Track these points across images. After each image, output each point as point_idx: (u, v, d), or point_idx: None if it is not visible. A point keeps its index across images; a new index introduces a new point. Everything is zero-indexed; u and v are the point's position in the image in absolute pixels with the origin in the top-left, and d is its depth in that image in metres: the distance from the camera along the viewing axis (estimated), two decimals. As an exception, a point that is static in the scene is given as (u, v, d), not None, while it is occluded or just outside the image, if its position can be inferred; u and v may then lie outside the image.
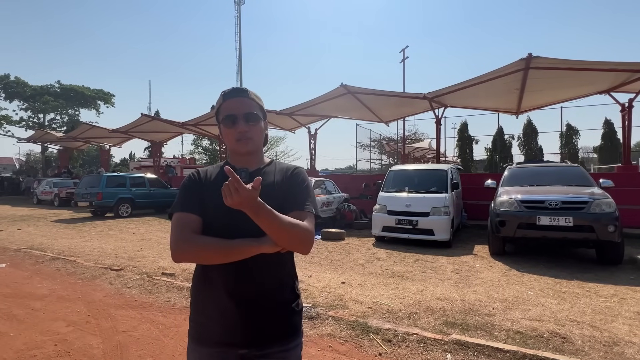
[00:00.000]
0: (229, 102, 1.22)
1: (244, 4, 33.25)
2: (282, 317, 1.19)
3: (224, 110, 1.23)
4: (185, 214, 1.15)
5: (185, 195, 1.21)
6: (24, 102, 34.71)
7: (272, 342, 1.17)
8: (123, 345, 3.11)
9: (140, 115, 17.35)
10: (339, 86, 11.83)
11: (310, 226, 1.14)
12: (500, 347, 2.93)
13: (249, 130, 1.21)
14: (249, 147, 1.23)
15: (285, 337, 1.19)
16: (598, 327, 3.41)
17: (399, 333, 3.25)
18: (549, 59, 8.86)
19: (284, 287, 1.22)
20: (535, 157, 19.70)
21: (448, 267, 5.78)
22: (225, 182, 0.93)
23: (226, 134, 1.23)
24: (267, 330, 1.16)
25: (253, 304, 1.15)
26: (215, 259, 1.10)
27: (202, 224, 1.16)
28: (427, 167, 9.79)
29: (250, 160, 1.26)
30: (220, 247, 1.09)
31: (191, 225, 1.13)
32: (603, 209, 5.63)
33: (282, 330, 1.19)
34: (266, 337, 1.16)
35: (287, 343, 1.19)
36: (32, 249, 7.15)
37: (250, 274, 1.14)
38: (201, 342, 1.18)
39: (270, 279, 1.19)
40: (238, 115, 1.20)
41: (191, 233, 1.12)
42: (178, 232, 1.12)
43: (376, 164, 26.43)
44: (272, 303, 1.18)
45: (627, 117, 10.81)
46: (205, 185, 1.22)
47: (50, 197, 18.69)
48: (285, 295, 1.22)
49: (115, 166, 42.43)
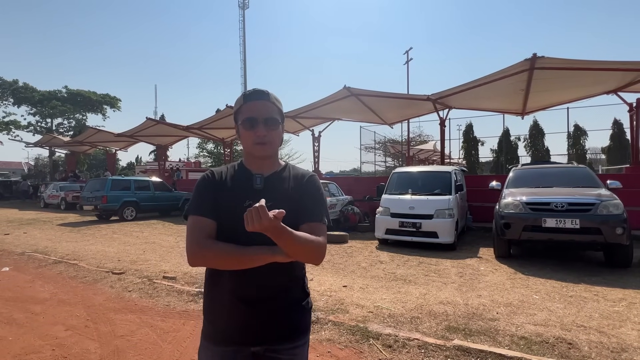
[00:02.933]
0: (250, 105, 1.22)
1: (248, 8, 33.48)
2: (293, 315, 1.23)
3: (245, 112, 1.22)
4: (201, 217, 1.16)
5: (200, 197, 1.21)
6: (32, 107, 35.12)
7: (284, 340, 1.21)
8: (120, 350, 3.09)
9: (146, 119, 17.49)
10: (343, 88, 11.80)
11: (324, 240, 1.17)
12: (503, 353, 2.85)
13: (267, 135, 1.21)
14: (267, 151, 1.24)
15: (296, 335, 1.24)
16: (606, 333, 3.31)
17: (399, 338, 3.18)
18: (554, 59, 8.75)
19: (294, 286, 1.26)
20: (542, 158, 19.46)
21: (452, 270, 5.69)
22: (251, 206, 0.92)
23: (244, 136, 1.23)
24: (278, 328, 1.20)
25: (264, 303, 1.18)
26: (230, 265, 1.13)
27: (216, 227, 1.17)
28: (431, 169, 9.71)
29: (266, 163, 1.27)
30: (234, 254, 1.10)
31: (206, 230, 1.15)
32: (611, 211, 5.51)
33: (293, 327, 1.23)
34: (278, 334, 1.20)
35: (297, 340, 1.24)
36: (36, 253, 7.18)
37: (262, 276, 1.16)
38: (215, 341, 1.21)
39: (281, 280, 1.21)
40: (258, 118, 1.20)
41: (207, 238, 1.13)
42: (194, 237, 1.13)
43: (381, 166, 26.34)
44: (283, 302, 1.21)
45: (636, 117, 10.64)
46: (220, 187, 1.23)
47: (57, 200, 18.87)
48: (295, 294, 1.26)
49: (122, 170, 42.77)
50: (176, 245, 8.06)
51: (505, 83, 10.30)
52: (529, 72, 9.43)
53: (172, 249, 7.69)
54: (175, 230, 10.65)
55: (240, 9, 32.73)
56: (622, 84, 10.32)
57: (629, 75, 9.52)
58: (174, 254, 7.14)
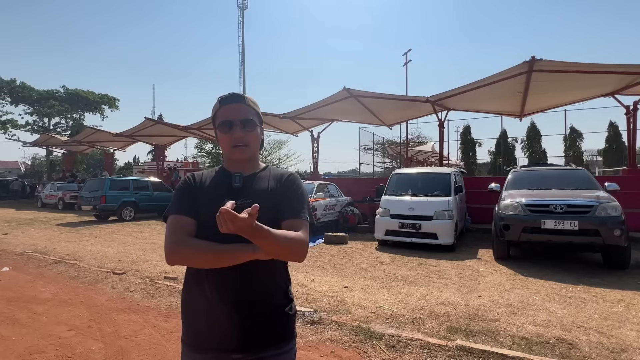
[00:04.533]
0: (225, 108, 1.23)
1: (247, 8, 33.49)
2: (276, 321, 1.19)
3: (221, 115, 1.23)
4: (180, 216, 1.15)
5: (180, 198, 1.21)
6: (29, 107, 34.95)
7: (266, 346, 1.16)
8: (124, 350, 3.10)
9: (145, 119, 17.45)
10: (342, 90, 11.82)
11: (305, 236, 1.13)
12: (505, 354, 2.88)
13: (245, 136, 1.22)
14: (245, 154, 1.24)
15: (279, 341, 1.19)
16: (605, 333, 3.35)
17: (402, 338, 3.21)
18: (552, 62, 8.81)
19: (277, 291, 1.22)
20: (539, 160, 19.59)
21: (452, 271, 5.73)
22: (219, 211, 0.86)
23: (222, 139, 1.24)
24: (261, 335, 1.16)
25: (247, 309, 1.14)
26: (209, 262, 1.10)
27: (196, 227, 1.15)
28: (431, 170, 9.75)
29: (246, 166, 1.27)
30: (213, 251, 1.08)
31: (186, 228, 1.13)
32: (609, 213, 5.56)
33: (276, 334, 1.19)
34: (260, 341, 1.15)
35: (281, 347, 1.19)
36: (36, 253, 7.17)
37: (244, 279, 1.13)
38: (195, 349, 1.17)
39: (264, 284, 1.18)
40: (234, 121, 1.21)
41: (185, 236, 1.11)
42: (172, 235, 1.12)
43: (379, 167, 26.38)
44: (265, 307, 1.17)
45: (632, 119, 10.72)
46: (201, 189, 1.23)
47: (55, 200, 18.80)
48: (278, 300, 1.21)
49: (120, 170, 42.61)
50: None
51: (504, 85, 10.37)
52: (527, 75, 9.49)
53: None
54: (174, 231, 10.62)
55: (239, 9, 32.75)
56: (619, 87, 10.42)
57: (626, 78, 9.62)
58: (174, 254, 7.13)
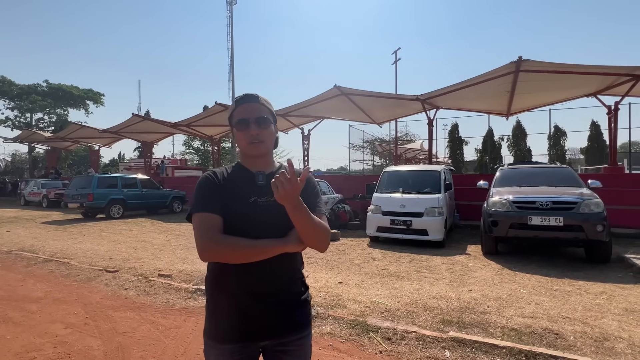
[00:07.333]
0: (241, 108, 1.29)
1: (236, 4, 32.99)
2: (297, 308, 1.29)
3: (237, 114, 1.29)
4: (209, 214, 1.17)
5: (206, 195, 1.22)
6: (10, 101, 33.96)
7: (290, 332, 1.26)
8: (124, 347, 3.11)
9: (132, 115, 17.18)
10: (333, 87, 11.90)
11: (328, 227, 1.24)
12: (496, 344, 3.01)
13: (260, 133, 1.27)
14: (261, 149, 1.29)
15: (300, 326, 1.29)
16: (589, 324, 3.52)
17: (398, 331, 3.31)
18: (539, 62, 9.06)
19: (296, 280, 1.32)
20: (524, 158, 20.08)
21: (442, 266, 5.88)
22: (277, 174, 1.03)
23: (239, 137, 1.29)
24: (285, 322, 1.25)
25: (271, 298, 1.23)
26: (243, 258, 1.16)
27: (223, 223, 1.19)
28: (421, 168, 9.91)
29: (261, 162, 1.32)
30: (249, 247, 1.14)
31: (216, 226, 1.17)
32: (592, 209, 5.79)
33: (298, 320, 1.29)
34: (284, 328, 1.25)
35: (302, 332, 1.30)
36: (24, 251, 7.04)
37: (267, 270, 1.21)
38: (223, 340, 1.23)
39: (286, 274, 1.29)
40: (250, 119, 1.26)
41: (218, 233, 1.16)
42: (206, 233, 1.15)
43: (368, 165, 26.59)
44: (287, 295, 1.28)
45: (614, 119, 11.09)
46: (224, 186, 1.26)
47: (39, 198, 18.39)
48: (298, 288, 1.32)
49: (105, 167, 41.79)
50: (167, 244, 8.01)
51: (492, 85, 10.60)
52: (515, 75, 9.74)
53: (163, 247, 7.64)
54: (165, 229, 10.55)
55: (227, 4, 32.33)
56: (602, 87, 10.77)
57: (608, 79, 9.96)
58: (166, 252, 7.10)
